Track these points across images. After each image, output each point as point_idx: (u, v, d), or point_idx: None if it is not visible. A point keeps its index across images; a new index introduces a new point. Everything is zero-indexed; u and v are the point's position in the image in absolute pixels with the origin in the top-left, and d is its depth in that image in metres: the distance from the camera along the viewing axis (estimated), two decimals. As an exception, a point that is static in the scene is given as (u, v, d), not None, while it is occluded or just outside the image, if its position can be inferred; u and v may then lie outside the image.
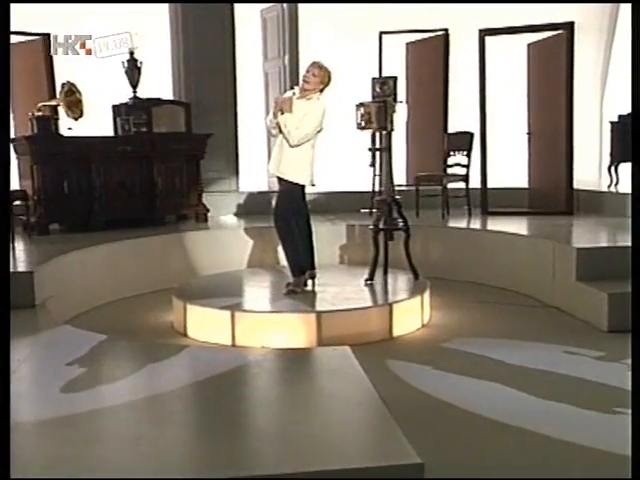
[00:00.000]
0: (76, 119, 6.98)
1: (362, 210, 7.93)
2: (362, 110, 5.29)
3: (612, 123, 7.67)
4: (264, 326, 4.59)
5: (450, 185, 7.43)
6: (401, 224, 5.48)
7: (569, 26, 7.10)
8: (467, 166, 7.46)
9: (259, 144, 9.06)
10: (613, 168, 7.79)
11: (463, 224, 7.04)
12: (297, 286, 5.05)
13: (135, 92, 7.54)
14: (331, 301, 4.91)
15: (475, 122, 7.99)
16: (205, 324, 4.76)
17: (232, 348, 4.33)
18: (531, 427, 3.14)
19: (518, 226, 6.87)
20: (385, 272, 5.58)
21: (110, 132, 7.45)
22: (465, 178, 7.44)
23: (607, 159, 8.20)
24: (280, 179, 5.00)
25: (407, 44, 9.18)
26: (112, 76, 7.71)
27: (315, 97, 4.95)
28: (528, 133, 7.88)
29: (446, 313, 5.33)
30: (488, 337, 4.77)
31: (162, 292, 6.04)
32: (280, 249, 6.65)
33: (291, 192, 4.99)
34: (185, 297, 5.03)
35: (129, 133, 7.19)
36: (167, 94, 8.23)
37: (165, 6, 8.26)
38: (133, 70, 7.51)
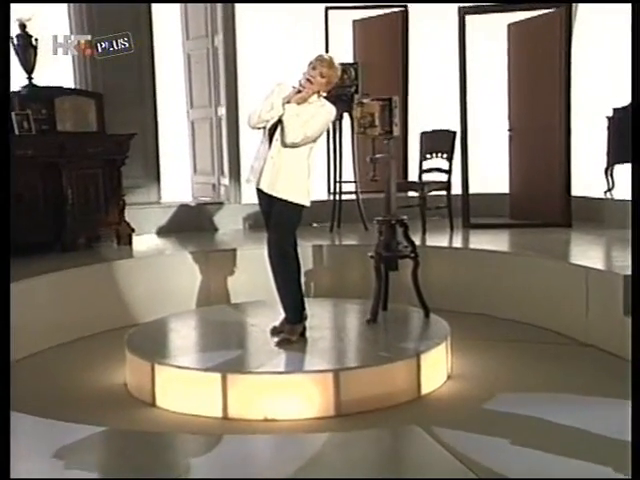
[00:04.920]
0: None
1: (315, 224, 7.60)
2: (363, 110, 4.89)
3: (608, 118, 7.62)
4: (266, 391, 4.14)
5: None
6: (408, 250, 5.12)
7: (567, 3, 6.98)
8: (449, 171, 7.21)
9: (181, 144, 8.49)
10: (609, 171, 7.74)
11: (456, 242, 6.80)
12: (293, 334, 4.61)
13: (31, 78, 6.84)
14: (341, 353, 4.55)
15: (441, 119, 7.81)
16: (184, 391, 4.24)
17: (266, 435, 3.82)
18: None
19: (518, 244, 6.70)
20: (385, 308, 5.22)
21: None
22: (447, 186, 7.18)
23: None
24: (273, 199, 4.52)
25: (354, 22, 8.87)
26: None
27: (320, 101, 4.55)
28: (509, 130, 7.74)
29: (467, 358, 5.02)
30: (533, 391, 4.48)
31: (89, 340, 5.61)
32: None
33: (293, 216, 4.59)
34: (148, 353, 4.49)
35: (29, 132, 6.48)
36: (66, 82, 7.53)
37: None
38: (27, 49, 6.80)
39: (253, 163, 4.67)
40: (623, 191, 7.66)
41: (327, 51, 8.29)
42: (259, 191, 4.64)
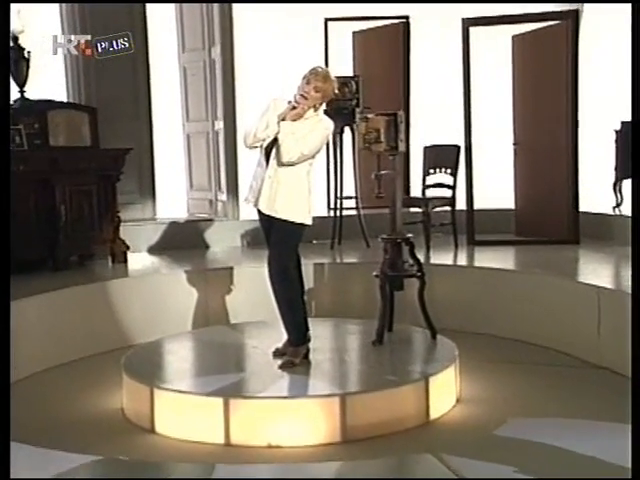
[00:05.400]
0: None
1: (315, 241, 7.56)
2: (367, 126, 4.86)
3: (617, 132, 7.61)
4: (270, 417, 4.09)
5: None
6: (414, 269, 5.08)
7: (573, 15, 6.99)
8: (453, 187, 7.19)
9: (176, 158, 8.45)
10: (618, 186, 7.72)
11: (461, 260, 6.77)
12: (296, 356, 4.56)
13: (23, 92, 6.81)
14: (347, 376, 4.53)
15: (444, 132, 7.80)
16: (184, 416, 4.19)
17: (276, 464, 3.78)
18: None
19: (525, 261, 6.68)
20: (390, 329, 5.18)
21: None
22: (451, 201, 7.16)
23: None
24: (273, 219, 4.49)
25: (354, 33, 8.88)
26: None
27: (317, 116, 4.51)
28: (514, 144, 7.72)
29: (476, 380, 4.97)
30: (545, 417, 4.42)
31: (83, 363, 5.56)
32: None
33: (294, 236, 4.56)
34: (146, 377, 4.45)
35: (21, 147, 6.43)
36: (59, 95, 7.49)
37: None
38: (19, 62, 6.78)
39: (251, 182, 4.65)
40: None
41: (327, 63, 8.29)
42: (259, 210, 4.62)
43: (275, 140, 4.43)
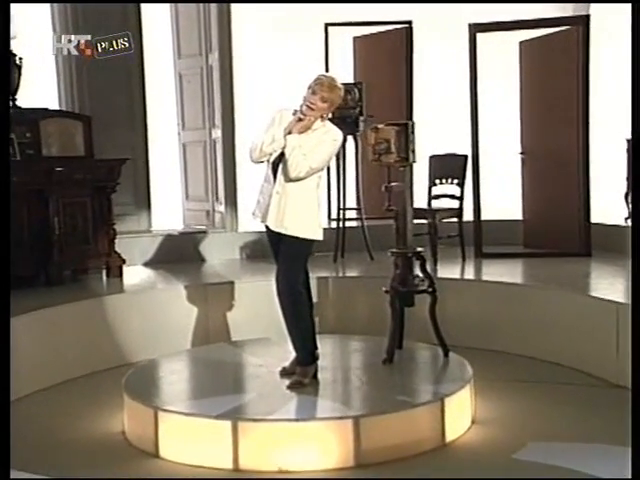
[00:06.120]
0: None
1: (317, 253, 7.49)
2: (377, 136, 4.81)
3: (628, 141, 7.57)
4: (280, 440, 4.02)
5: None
6: (425, 285, 5.03)
7: (584, 20, 6.97)
8: (460, 198, 7.15)
9: (171, 167, 8.39)
10: (630, 196, 7.68)
11: (469, 274, 6.72)
12: (305, 376, 4.50)
13: (14, 100, 6.75)
14: (359, 397, 4.46)
15: (448, 141, 7.76)
16: (190, 440, 4.11)
17: None
18: None
19: (536, 275, 6.64)
20: (400, 346, 5.12)
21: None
22: (459, 213, 7.12)
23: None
24: (282, 235, 4.43)
25: (355, 39, 8.85)
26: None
27: (324, 126, 4.46)
28: (522, 153, 7.69)
29: (490, 400, 4.91)
30: (565, 439, 4.37)
31: (79, 382, 5.50)
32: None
33: (303, 252, 4.50)
34: (149, 399, 4.37)
35: (14, 158, 6.36)
36: (52, 103, 7.43)
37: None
38: (11, 69, 6.71)
39: (259, 197, 4.60)
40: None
41: (327, 69, 8.24)
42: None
43: (282, 154, 4.38)
